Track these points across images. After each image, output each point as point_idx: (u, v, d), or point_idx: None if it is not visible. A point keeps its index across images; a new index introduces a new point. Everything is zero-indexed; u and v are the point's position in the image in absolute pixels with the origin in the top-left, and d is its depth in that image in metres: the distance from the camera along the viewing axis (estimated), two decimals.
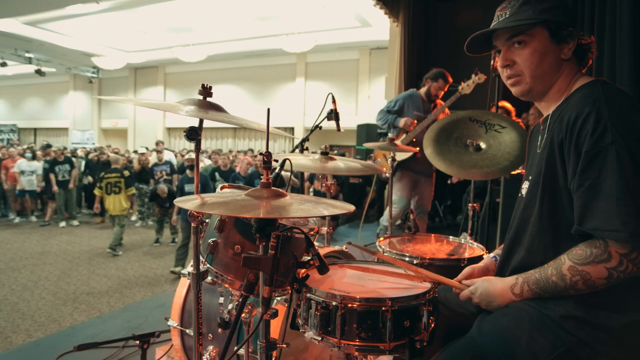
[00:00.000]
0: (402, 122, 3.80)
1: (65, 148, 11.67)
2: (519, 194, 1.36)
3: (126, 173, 7.19)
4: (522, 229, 1.27)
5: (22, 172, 9.17)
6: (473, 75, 3.63)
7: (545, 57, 1.21)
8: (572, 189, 1.10)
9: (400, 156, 3.81)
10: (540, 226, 1.20)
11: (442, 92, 3.92)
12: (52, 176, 8.88)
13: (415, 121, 3.78)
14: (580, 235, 1.09)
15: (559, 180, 1.15)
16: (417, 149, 3.09)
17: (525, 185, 1.32)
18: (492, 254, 1.51)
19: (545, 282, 1.12)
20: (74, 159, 9.71)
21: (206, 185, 5.79)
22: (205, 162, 8.65)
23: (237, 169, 7.19)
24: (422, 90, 3.96)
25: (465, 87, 3.64)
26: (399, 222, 3.94)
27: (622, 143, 1.03)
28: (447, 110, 3.92)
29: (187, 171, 5.82)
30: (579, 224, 1.08)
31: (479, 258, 1.76)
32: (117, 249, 6.78)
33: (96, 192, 7.13)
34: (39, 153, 10.08)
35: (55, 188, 8.81)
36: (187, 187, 5.55)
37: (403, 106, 3.93)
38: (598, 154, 1.04)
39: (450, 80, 3.87)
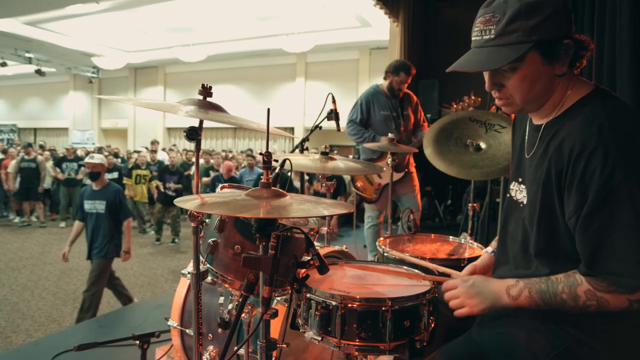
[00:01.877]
0: (383, 140, 3.66)
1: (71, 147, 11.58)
2: (508, 195, 1.31)
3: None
4: (517, 243, 1.23)
5: (22, 170, 9.10)
6: (466, 98, 3.37)
7: (537, 82, 1.09)
8: (575, 227, 1.03)
9: (386, 179, 3.64)
10: (538, 250, 1.14)
11: (406, 85, 3.67)
12: (57, 171, 8.91)
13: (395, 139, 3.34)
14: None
15: (556, 209, 1.08)
16: (417, 149, 3.08)
17: (516, 188, 1.26)
18: (489, 249, 1.49)
19: (553, 296, 1.07)
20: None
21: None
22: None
23: (221, 170, 7.33)
24: (385, 85, 3.71)
25: (459, 109, 3.36)
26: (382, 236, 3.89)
27: (634, 179, 0.95)
28: (422, 111, 3.85)
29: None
30: (589, 267, 1.01)
31: (479, 258, 1.76)
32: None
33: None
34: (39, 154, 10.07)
35: (60, 175, 8.87)
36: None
37: (370, 109, 3.69)
38: (609, 194, 0.97)
39: (413, 71, 3.62)
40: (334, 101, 2.39)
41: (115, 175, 8.73)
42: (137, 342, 1.95)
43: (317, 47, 12.04)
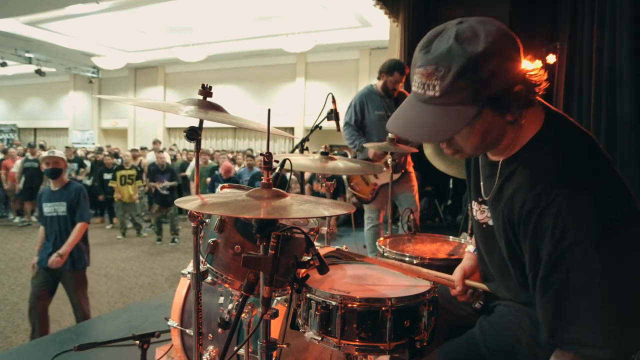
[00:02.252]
0: (371, 154, 3.62)
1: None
2: (474, 216, 1.25)
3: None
4: (495, 263, 1.21)
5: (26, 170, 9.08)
6: None
7: (489, 133, 1.01)
8: (532, 287, 0.99)
9: (382, 180, 3.65)
10: (519, 282, 1.12)
11: (401, 85, 3.62)
12: None
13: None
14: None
15: (520, 254, 1.05)
16: (416, 149, 3.07)
17: (476, 208, 1.23)
18: (471, 248, 1.46)
19: None
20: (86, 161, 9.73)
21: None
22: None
23: (220, 170, 7.33)
24: (379, 85, 3.66)
25: None
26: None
27: (587, 239, 0.89)
28: None
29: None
30: (551, 337, 0.94)
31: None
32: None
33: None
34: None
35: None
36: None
37: (364, 109, 3.66)
38: (562, 257, 0.91)
39: (407, 71, 3.54)
40: (334, 101, 2.38)
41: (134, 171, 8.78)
42: (137, 342, 1.95)
43: (317, 47, 12.04)
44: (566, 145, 1.00)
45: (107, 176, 8.41)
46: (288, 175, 1.51)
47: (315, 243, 1.30)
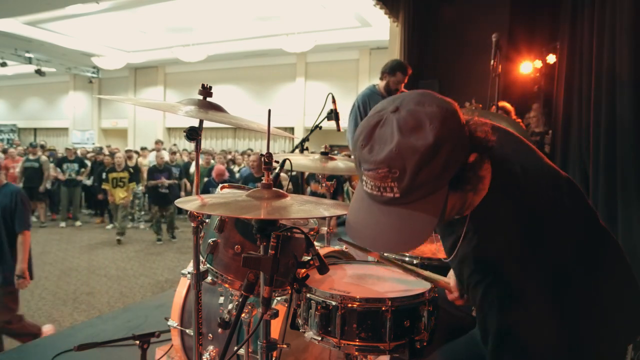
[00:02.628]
0: None
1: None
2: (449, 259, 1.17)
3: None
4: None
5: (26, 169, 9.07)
6: (467, 104, 3.28)
7: (454, 208, 0.98)
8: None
9: None
10: None
11: (403, 85, 3.64)
12: (58, 172, 8.92)
13: None
14: None
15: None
16: None
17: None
18: None
19: None
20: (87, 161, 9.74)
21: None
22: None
23: (213, 174, 7.29)
24: (382, 85, 3.68)
25: None
26: None
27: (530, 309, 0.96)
28: None
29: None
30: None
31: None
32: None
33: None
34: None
35: (62, 176, 8.86)
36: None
37: (367, 110, 3.66)
38: (508, 332, 0.98)
39: (410, 71, 3.60)
40: (334, 101, 2.38)
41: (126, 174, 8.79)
42: (137, 342, 1.95)
43: (317, 47, 12.04)
44: (508, 214, 0.97)
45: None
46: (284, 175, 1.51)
47: (315, 243, 1.30)
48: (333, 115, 2.38)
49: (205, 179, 7.53)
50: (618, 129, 2.79)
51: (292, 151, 3.04)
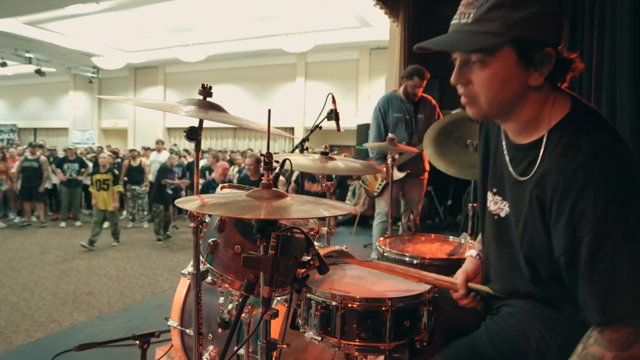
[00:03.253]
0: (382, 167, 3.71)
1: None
2: (488, 207, 1.24)
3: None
4: (503, 266, 1.21)
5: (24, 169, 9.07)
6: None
7: (507, 84, 1.00)
8: (566, 267, 0.98)
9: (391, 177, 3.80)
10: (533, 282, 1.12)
11: (421, 89, 3.76)
12: (59, 172, 8.93)
13: (384, 169, 3.33)
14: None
15: (541, 244, 1.05)
16: (417, 149, 3.09)
17: (490, 199, 1.22)
18: (473, 252, 1.44)
19: None
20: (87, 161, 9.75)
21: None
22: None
23: (213, 175, 7.23)
24: (401, 90, 3.84)
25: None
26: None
27: (628, 215, 0.90)
28: (441, 115, 3.87)
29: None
30: (602, 315, 0.93)
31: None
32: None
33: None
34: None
35: (62, 177, 8.86)
36: None
37: (386, 111, 3.83)
38: (606, 235, 0.91)
39: (427, 75, 3.74)
40: (334, 101, 2.38)
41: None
42: (137, 342, 1.95)
43: (317, 47, 12.05)
44: (597, 127, 1.01)
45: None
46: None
47: (315, 243, 1.30)
48: (333, 115, 2.38)
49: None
50: (618, 129, 2.78)
51: (292, 151, 3.04)
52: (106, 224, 7.44)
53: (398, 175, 3.77)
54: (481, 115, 1.08)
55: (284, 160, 1.43)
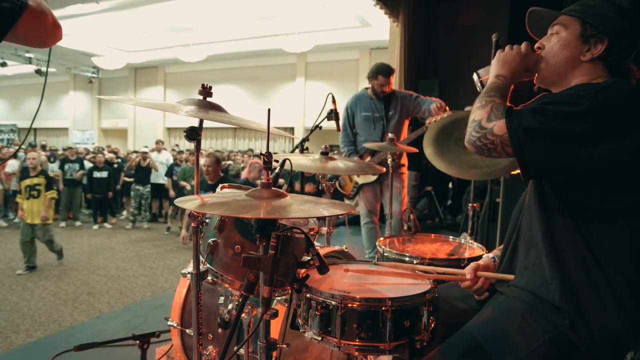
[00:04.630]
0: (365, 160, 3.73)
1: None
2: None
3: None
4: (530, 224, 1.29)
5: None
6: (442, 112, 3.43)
7: (565, 49, 1.21)
8: None
9: (363, 179, 3.86)
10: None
11: (388, 87, 3.70)
12: (60, 173, 8.95)
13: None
14: None
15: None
16: (416, 149, 3.07)
17: None
18: (490, 254, 1.51)
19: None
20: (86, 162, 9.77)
21: None
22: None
23: (245, 174, 7.09)
24: (370, 88, 3.83)
25: (433, 123, 3.05)
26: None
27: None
28: (448, 110, 3.84)
29: None
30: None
31: (479, 258, 1.76)
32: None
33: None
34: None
35: (61, 186, 8.86)
36: None
37: (354, 111, 3.83)
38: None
39: (393, 71, 3.72)
40: (334, 101, 2.39)
41: (104, 174, 8.84)
42: (137, 342, 1.96)
43: (317, 47, 12.04)
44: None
45: (96, 174, 8.84)
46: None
47: (315, 243, 1.30)
48: (333, 115, 2.39)
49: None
50: None
51: (292, 151, 3.04)
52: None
53: (371, 178, 3.79)
54: (541, 76, 1.27)
55: (284, 160, 1.43)
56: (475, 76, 1.40)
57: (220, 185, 1.77)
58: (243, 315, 1.47)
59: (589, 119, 1.03)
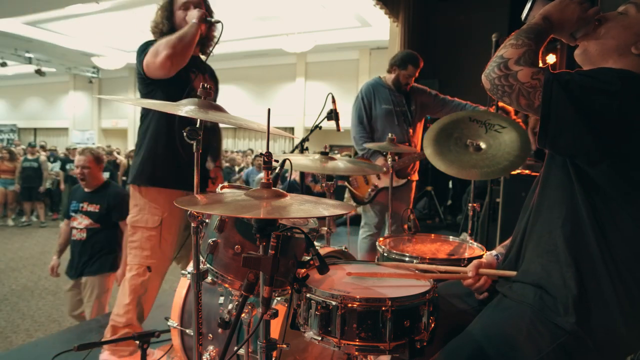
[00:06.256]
0: (380, 162, 3.24)
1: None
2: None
3: None
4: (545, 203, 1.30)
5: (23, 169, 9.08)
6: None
7: (624, 33, 1.17)
8: None
9: (384, 183, 3.29)
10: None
11: (414, 79, 3.30)
12: (61, 173, 8.94)
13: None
14: None
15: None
16: (417, 150, 3.07)
17: None
18: (494, 252, 1.50)
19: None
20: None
21: None
22: None
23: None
24: (390, 79, 3.34)
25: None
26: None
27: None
28: (439, 94, 3.46)
29: None
30: None
31: (479, 258, 1.76)
32: None
33: None
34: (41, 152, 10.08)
35: (62, 186, 8.85)
36: None
37: (371, 102, 3.32)
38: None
39: (421, 63, 3.29)
40: (333, 101, 2.38)
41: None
42: (137, 342, 1.95)
43: (317, 47, 12.04)
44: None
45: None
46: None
47: (315, 243, 1.30)
48: (333, 115, 2.38)
49: None
50: None
51: (292, 151, 3.04)
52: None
53: (399, 181, 3.31)
54: (586, 50, 1.22)
55: (284, 161, 1.43)
56: (529, 4, 1.31)
57: (220, 185, 1.76)
58: (243, 315, 1.47)
59: (617, 100, 1.02)
